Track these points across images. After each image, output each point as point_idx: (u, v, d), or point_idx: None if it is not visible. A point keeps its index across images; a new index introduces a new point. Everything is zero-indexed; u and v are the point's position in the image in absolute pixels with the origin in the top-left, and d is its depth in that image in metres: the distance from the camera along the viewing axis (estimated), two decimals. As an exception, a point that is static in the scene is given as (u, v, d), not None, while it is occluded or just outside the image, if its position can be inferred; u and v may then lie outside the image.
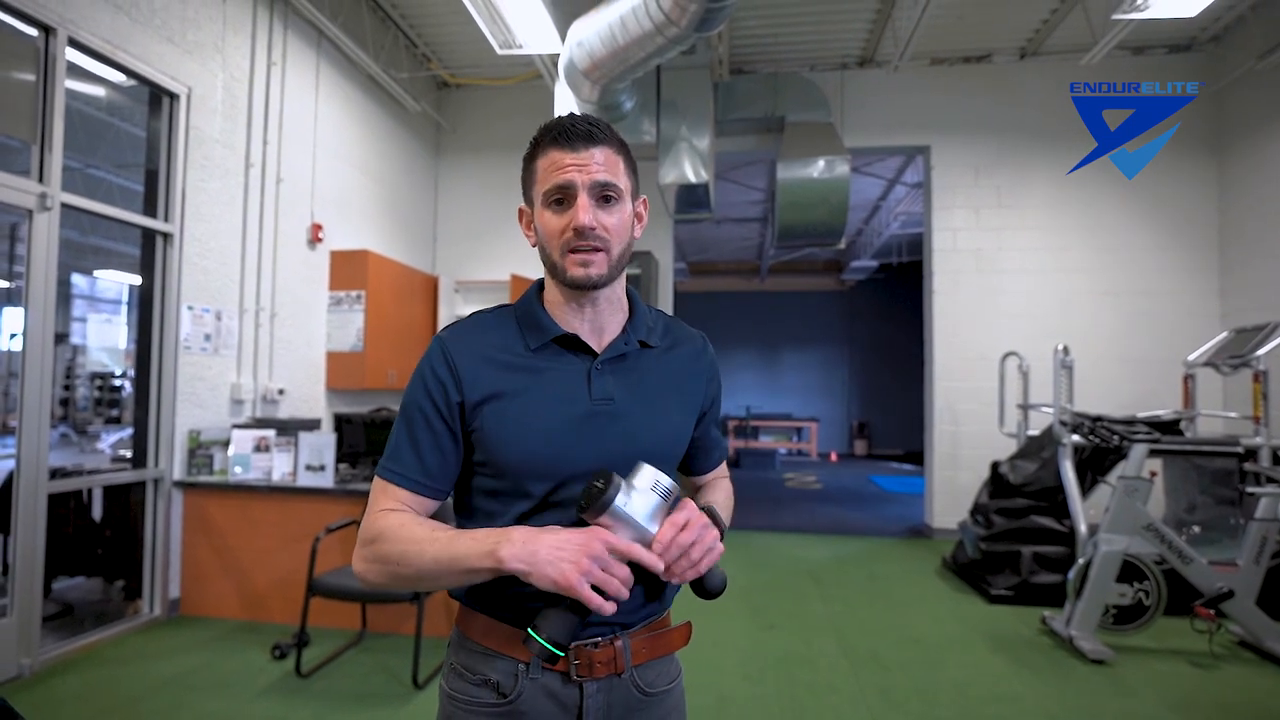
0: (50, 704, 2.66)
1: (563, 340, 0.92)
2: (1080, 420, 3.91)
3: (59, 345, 9.45)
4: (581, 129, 0.87)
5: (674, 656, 0.99)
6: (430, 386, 0.90)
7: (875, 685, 2.90)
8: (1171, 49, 5.57)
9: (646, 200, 0.97)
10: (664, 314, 1.03)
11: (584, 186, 0.85)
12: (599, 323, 0.94)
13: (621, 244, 0.89)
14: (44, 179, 2.98)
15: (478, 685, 0.90)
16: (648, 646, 0.93)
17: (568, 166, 0.86)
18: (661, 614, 0.97)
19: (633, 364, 0.94)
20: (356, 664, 3.07)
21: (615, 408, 0.90)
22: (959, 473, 5.67)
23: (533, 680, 0.88)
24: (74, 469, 3.94)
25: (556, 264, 0.89)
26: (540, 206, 0.89)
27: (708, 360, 1.03)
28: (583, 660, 0.88)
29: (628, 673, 0.91)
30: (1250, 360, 3.69)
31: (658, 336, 0.98)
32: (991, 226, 5.77)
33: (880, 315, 13.49)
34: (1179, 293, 5.54)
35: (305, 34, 4.67)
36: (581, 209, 0.85)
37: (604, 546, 0.75)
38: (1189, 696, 2.80)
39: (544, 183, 0.88)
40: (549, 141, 0.89)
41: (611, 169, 0.87)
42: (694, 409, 1.00)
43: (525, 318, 0.94)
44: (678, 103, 5.19)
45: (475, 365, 0.89)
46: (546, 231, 0.89)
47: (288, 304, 4.53)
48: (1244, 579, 3.17)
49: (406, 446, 0.91)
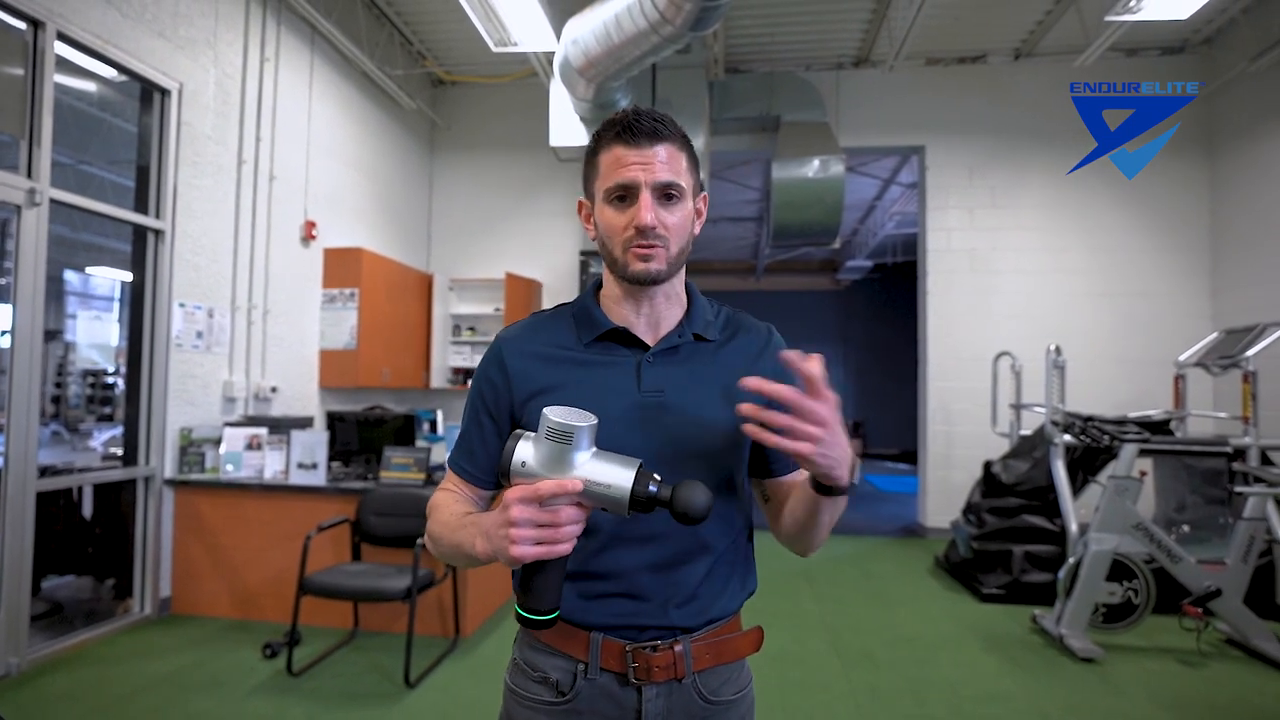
0: (38, 704, 2.64)
1: (615, 334, 0.92)
2: (1072, 420, 3.93)
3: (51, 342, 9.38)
4: (646, 126, 0.86)
5: (743, 664, 0.96)
6: (483, 385, 0.94)
7: (866, 684, 2.91)
8: (1164, 51, 5.59)
9: (707, 197, 0.98)
10: (728, 307, 1.02)
11: (647, 185, 0.85)
12: (655, 316, 0.94)
13: (681, 241, 0.90)
14: (33, 174, 2.96)
15: (538, 682, 0.90)
16: (712, 652, 0.90)
17: (631, 165, 0.85)
18: (727, 619, 0.93)
19: (686, 356, 0.93)
20: (348, 663, 3.06)
21: (665, 399, 0.89)
22: (952, 472, 5.69)
23: (590, 681, 0.88)
24: (64, 467, 3.92)
25: (617, 259, 0.89)
26: (602, 202, 0.90)
27: (773, 349, 0.97)
28: (640, 663, 0.86)
29: (689, 678, 0.88)
30: (1239, 361, 3.71)
31: (716, 330, 0.97)
32: (985, 227, 5.79)
33: (875, 315, 13.51)
34: (1171, 293, 5.57)
35: (299, 30, 4.65)
36: (644, 208, 0.85)
37: (519, 504, 0.71)
38: (1177, 694, 2.81)
39: (606, 179, 0.88)
40: (613, 137, 0.88)
41: (674, 167, 0.87)
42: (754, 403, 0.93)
43: (580, 314, 0.95)
44: (673, 101, 5.19)
45: (525, 362, 0.92)
46: (608, 227, 0.89)
47: (281, 301, 4.51)
48: (1232, 578, 3.19)
49: (462, 438, 0.96)
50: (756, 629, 0.96)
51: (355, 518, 3.31)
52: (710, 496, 0.73)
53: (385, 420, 3.98)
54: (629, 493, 0.72)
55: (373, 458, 3.82)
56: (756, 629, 0.96)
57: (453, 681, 2.88)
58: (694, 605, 0.89)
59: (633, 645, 0.87)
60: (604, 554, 0.87)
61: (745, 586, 0.96)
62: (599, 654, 0.88)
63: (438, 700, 2.71)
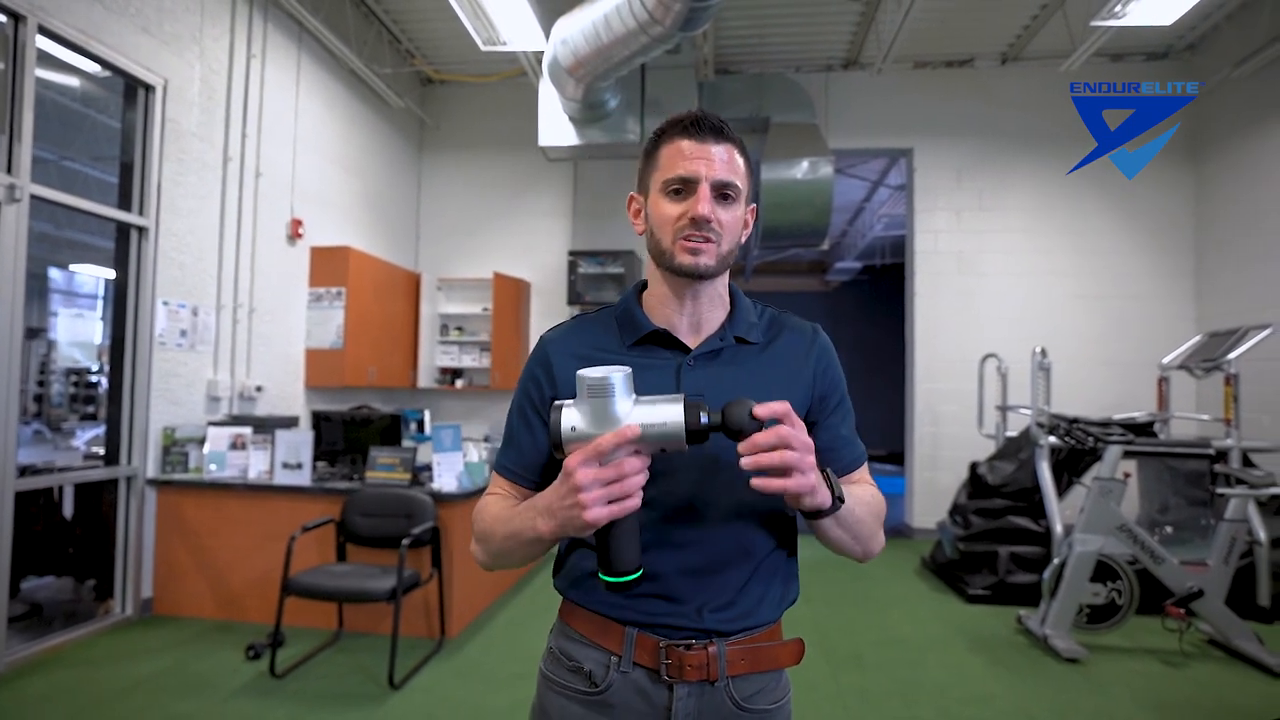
0: (16, 706, 2.60)
1: (657, 337, 0.92)
2: (1057, 422, 3.95)
3: (34, 340, 9.26)
4: (713, 123, 0.88)
5: (782, 674, 0.94)
6: (528, 384, 0.95)
7: (853, 685, 2.92)
8: (1149, 56, 5.65)
9: (756, 209, 0.98)
10: (772, 308, 1.02)
11: (707, 180, 0.86)
12: (698, 317, 0.94)
13: (732, 241, 0.90)
14: (13, 170, 2.91)
15: (572, 671, 0.91)
16: (747, 658, 0.89)
17: (694, 158, 0.87)
18: (766, 625, 0.92)
19: (728, 359, 0.92)
20: (332, 664, 3.03)
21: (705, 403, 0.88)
22: (939, 473, 5.72)
23: (623, 674, 0.88)
24: (45, 466, 3.87)
25: (666, 250, 0.89)
26: (656, 193, 0.90)
27: (817, 351, 0.96)
28: (673, 660, 0.86)
29: (722, 681, 0.87)
30: (1222, 364, 3.75)
31: (759, 332, 0.96)
32: (972, 229, 5.82)
33: (863, 316, 13.57)
34: (1155, 296, 5.63)
35: (286, 27, 4.61)
36: (702, 199, 0.86)
37: (582, 467, 0.72)
38: (1160, 694, 2.84)
39: (666, 171, 0.88)
40: (677, 131, 0.89)
41: (734, 168, 0.89)
42: (799, 404, 0.91)
43: (623, 316, 0.96)
44: (662, 102, 5.19)
45: (569, 362, 0.91)
46: (660, 218, 0.89)
47: (266, 300, 4.47)
48: (1214, 578, 3.22)
49: (509, 440, 0.96)
50: (797, 640, 0.94)
51: (340, 518, 3.28)
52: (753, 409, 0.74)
53: (371, 420, 3.95)
54: (684, 425, 0.73)
55: (358, 458, 3.80)
56: (797, 640, 0.94)
57: (438, 683, 2.87)
58: (730, 611, 0.88)
59: (667, 642, 0.87)
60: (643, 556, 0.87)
61: (786, 596, 0.95)
62: (633, 648, 0.88)
63: (423, 702, 2.69)
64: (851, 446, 0.98)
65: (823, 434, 0.94)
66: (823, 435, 0.94)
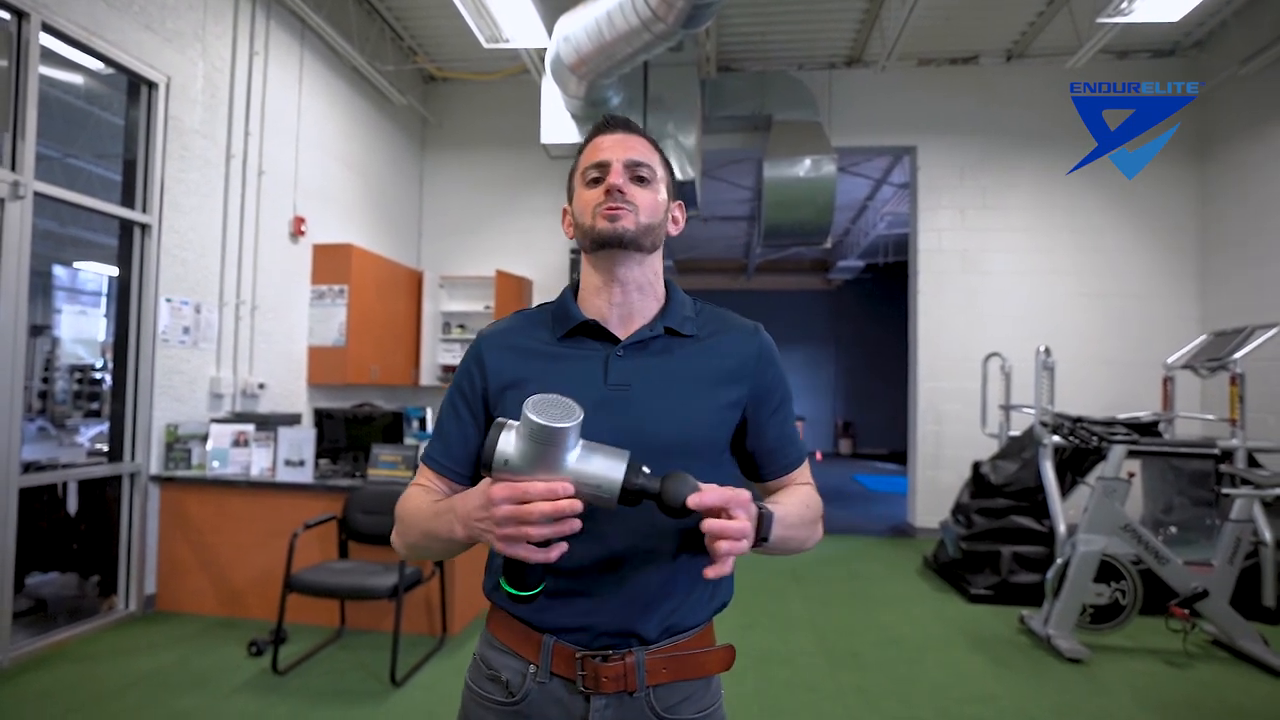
0: (20, 701, 2.61)
1: (587, 328, 0.93)
2: (1060, 421, 3.94)
3: (38, 337, 9.29)
4: (620, 120, 0.95)
5: (710, 682, 0.91)
6: (461, 380, 0.96)
7: (854, 684, 2.91)
8: (1155, 54, 5.62)
9: (683, 205, 1.01)
10: (712, 306, 1.01)
11: (618, 159, 0.91)
12: (628, 308, 0.94)
13: (651, 217, 0.92)
14: (16, 167, 2.92)
15: (491, 680, 0.90)
16: (670, 666, 0.86)
17: (605, 147, 0.92)
18: (692, 631, 0.89)
19: (658, 351, 0.92)
20: (334, 661, 3.04)
21: (631, 394, 0.88)
22: (941, 472, 5.70)
23: (540, 685, 0.87)
24: (49, 463, 3.88)
25: (588, 229, 0.91)
26: (579, 188, 0.94)
27: (756, 349, 0.95)
28: (588, 672, 0.84)
29: (642, 692, 0.85)
30: (1227, 363, 3.73)
31: (695, 325, 0.95)
32: (976, 227, 5.80)
33: (866, 315, 13.55)
34: (1160, 296, 5.61)
35: (288, 24, 4.61)
36: (614, 174, 0.90)
37: (506, 504, 0.71)
38: (1163, 695, 2.83)
39: (584, 164, 0.93)
40: (591, 133, 0.96)
41: (645, 154, 0.93)
42: (735, 403, 0.92)
43: (557, 310, 0.97)
44: (665, 99, 5.17)
45: (500, 355, 0.94)
46: (581, 206, 0.92)
47: (269, 297, 4.47)
48: (1218, 579, 3.21)
49: (438, 433, 0.97)
50: (727, 647, 0.92)
51: (342, 515, 3.28)
52: (697, 487, 0.72)
53: (374, 417, 3.95)
54: (619, 488, 0.71)
55: (360, 455, 3.80)
56: (727, 647, 0.92)
57: (439, 680, 2.87)
58: (652, 612, 0.86)
59: (583, 653, 0.85)
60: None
61: (715, 597, 0.92)
62: (550, 658, 0.86)
63: (424, 699, 2.69)
64: (794, 446, 0.99)
65: (766, 434, 0.96)
66: (766, 436, 0.96)
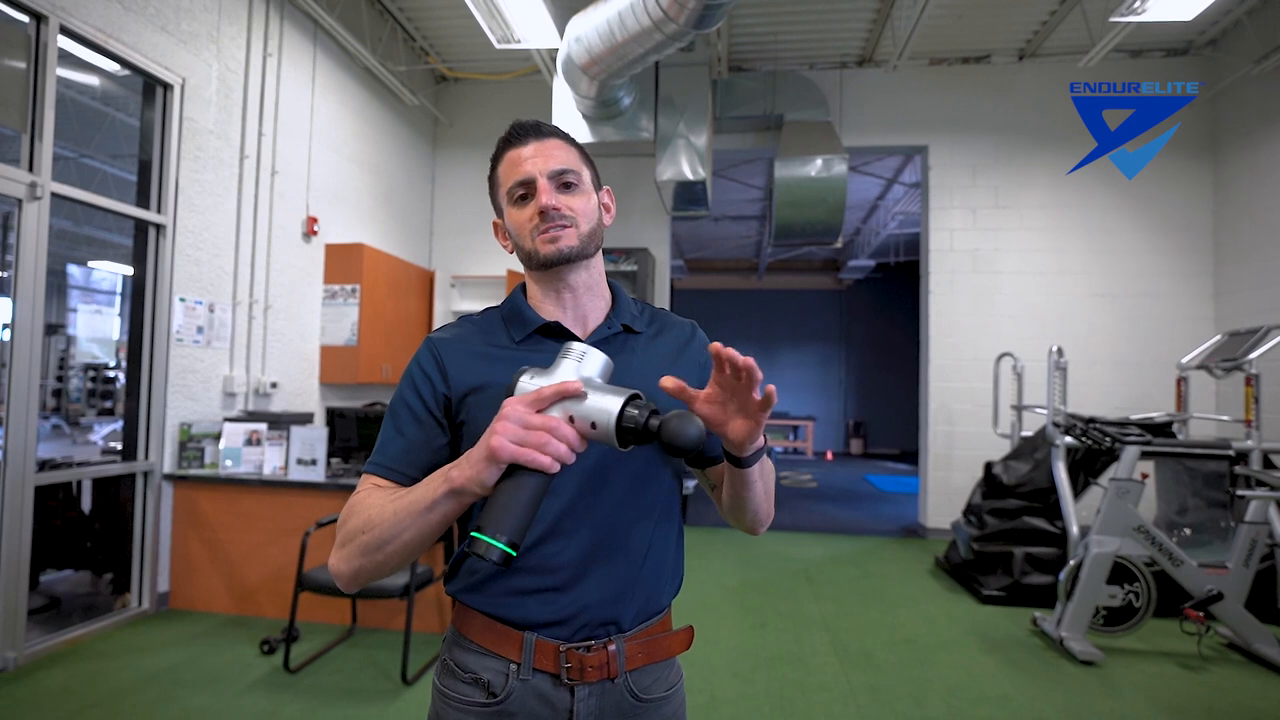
0: (35, 698, 2.64)
1: (546, 330, 0.93)
2: (1073, 422, 3.91)
3: (53, 336, 9.39)
4: (529, 125, 0.93)
5: (674, 662, 0.97)
6: (418, 382, 0.92)
7: (866, 685, 2.90)
8: (1168, 52, 5.57)
9: (611, 190, 1.01)
10: (650, 305, 1.05)
11: (542, 174, 0.89)
12: (581, 310, 0.96)
13: (589, 223, 0.92)
14: (34, 168, 2.95)
15: (469, 683, 0.89)
16: (644, 651, 0.91)
17: (523, 161, 0.90)
18: (659, 617, 0.95)
19: (618, 348, 0.94)
20: (346, 659, 3.06)
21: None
22: (953, 473, 5.67)
23: (523, 681, 0.87)
24: (64, 461, 3.92)
25: (530, 250, 0.91)
26: (508, 207, 0.93)
27: (699, 343, 1.02)
28: (574, 663, 0.86)
29: (621, 677, 0.89)
30: (1242, 364, 3.69)
31: (643, 323, 0.99)
32: (988, 227, 5.77)
33: (877, 314, 13.50)
34: (1173, 295, 5.56)
35: (302, 25, 4.64)
36: (543, 192, 0.89)
37: (515, 403, 0.70)
38: (1177, 698, 2.80)
39: (506, 182, 0.92)
40: (503, 146, 0.93)
41: (565, 158, 0.91)
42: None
43: (510, 314, 0.97)
44: (676, 100, 5.18)
45: (461, 359, 0.92)
46: (516, 225, 0.92)
47: (282, 297, 4.50)
48: (1233, 581, 3.18)
49: (392, 438, 0.90)
50: (687, 628, 0.98)
51: (354, 514, 3.30)
52: (702, 430, 0.70)
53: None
54: (617, 412, 0.69)
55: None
56: (687, 628, 0.98)
57: (450, 679, 2.87)
58: (626, 601, 0.90)
59: (566, 645, 0.87)
60: (536, 549, 0.87)
61: (674, 579, 0.98)
62: (532, 654, 0.87)
63: (435, 697, 2.70)
64: None
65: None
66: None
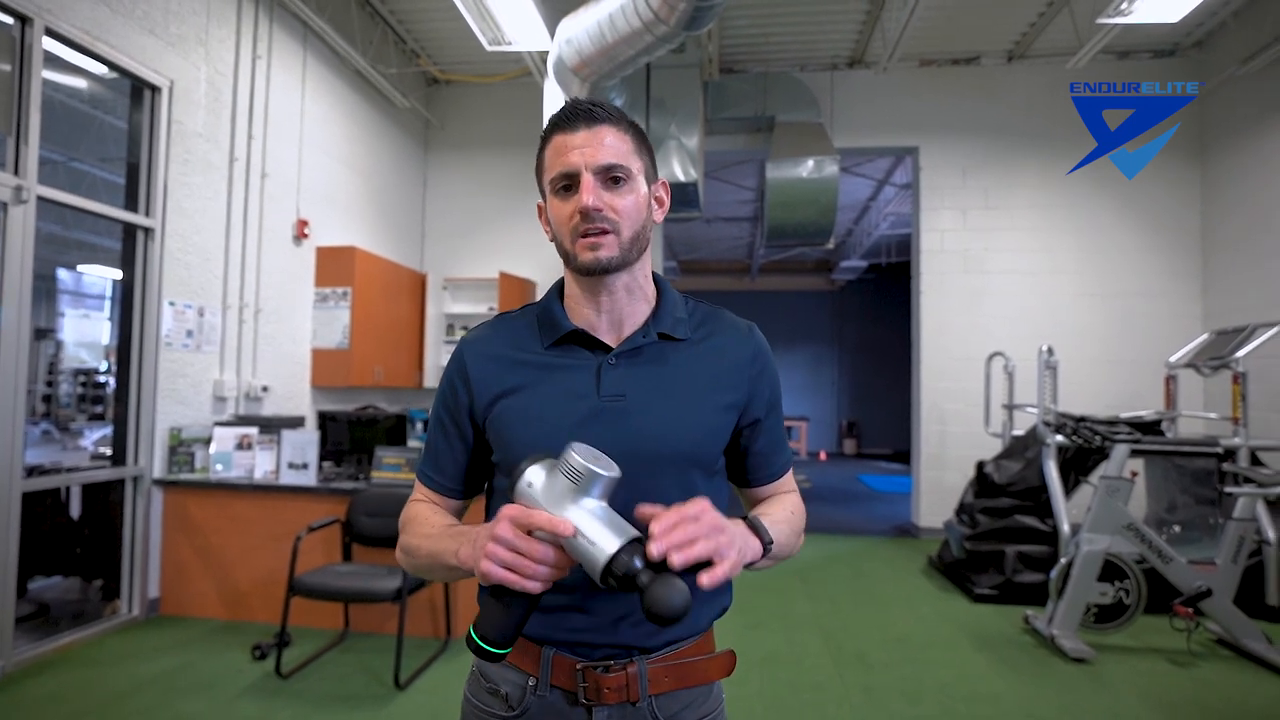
0: (23, 706, 2.62)
1: (576, 336, 0.89)
2: (1064, 421, 3.93)
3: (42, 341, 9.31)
4: (582, 109, 0.84)
5: (712, 688, 0.90)
6: (445, 391, 0.93)
7: (859, 684, 2.91)
8: (1156, 54, 5.61)
9: (666, 183, 0.94)
10: (705, 305, 0.97)
11: (588, 168, 0.82)
12: (617, 314, 0.89)
13: (634, 226, 0.85)
14: (19, 171, 2.93)
15: (490, 694, 0.89)
16: (672, 675, 0.85)
17: (570, 150, 0.83)
18: (692, 639, 0.88)
19: (653, 357, 0.88)
20: (338, 664, 3.04)
21: (627, 404, 0.85)
22: (945, 472, 5.70)
23: (540, 697, 0.85)
24: (52, 466, 3.88)
25: (569, 251, 0.86)
26: (550, 195, 0.87)
27: (752, 351, 0.92)
28: (590, 684, 0.83)
29: (644, 702, 0.84)
30: (1230, 362, 3.72)
31: (688, 328, 0.91)
32: (979, 227, 5.80)
33: (869, 315, 13.55)
34: (1162, 294, 5.60)
35: (291, 28, 4.62)
36: (585, 190, 0.82)
37: (510, 525, 0.69)
38: (1168, 694, 2.82)
39: (551, 170, 0.86)
40: (552, 128, 0.86)
41: (618, 150, 0.84)
42: (732, 406, 0.90)
43: (543, 315, 0.92)
44: (667, 101, 5.18)
45: (486, 365, 0.90)
46: (557, 219, 0.86)
47: (272, 300, 4.48)
48: (1222, 578, 3.20)
49: (429, 448, 0.95)
50: (728, 653, 0.91)
51: (346, 518, 3.29)
52: (689, 599, 0.65)
53: (377, 420, 3.96)
54: (607, 558, 0.67)
55: (364, 458, 3.80)
56: (728, 653, 0.91)
57: (443, 683, 2.87)
58: (649, 624, 0.83)
59: (584, 664, 0.83)
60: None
61: (717, 602, 0.90)
62: (549, 670, 0.85)
63: (428, 702, 2.69)
64: (783, 451, 0.97)
65: (758, 439, 0.93)
66: (758, 440, 0.93)
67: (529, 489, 0.71)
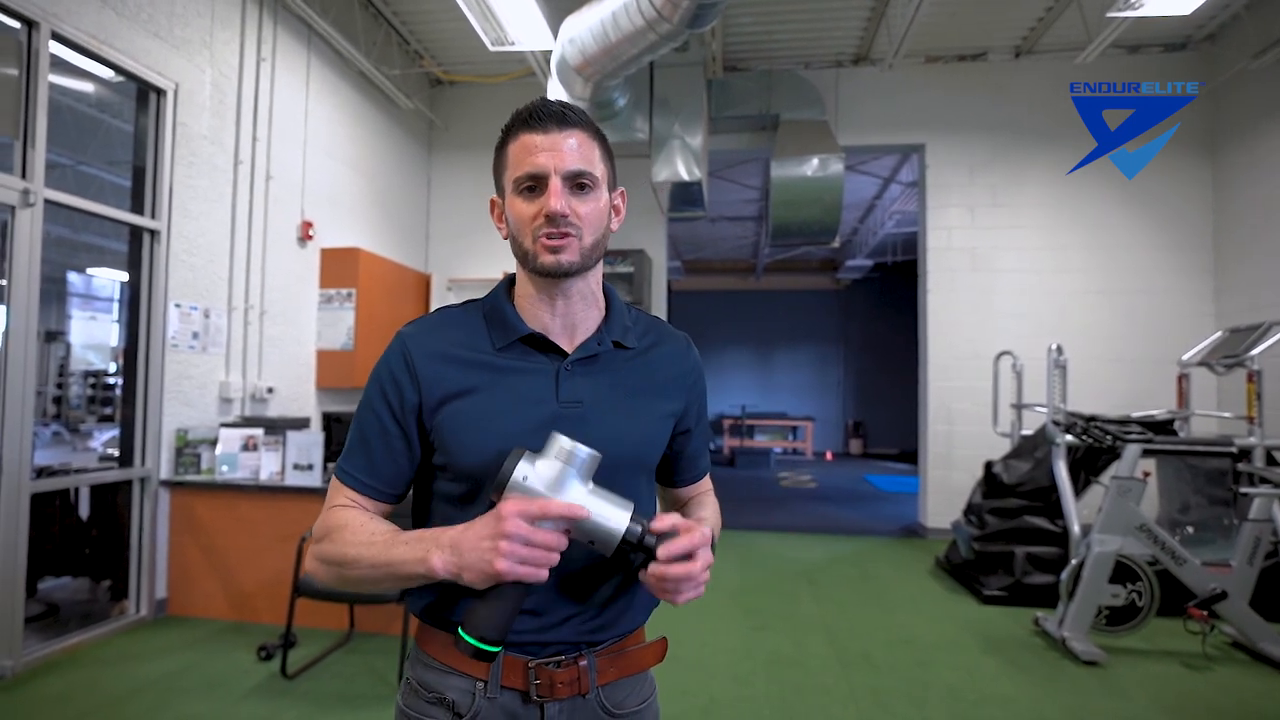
0: (32, 706, 2.63)
1: (530, 340, 0.88)
2: (1074, 420, 3.89)
3: (52, 343, 9.39)
4: (554, 110, 0.83)
5: (647, 675, 0.95)
6: (386, 387, 0.87)
7: (866, 686, 2.88)
8: (1166, 48, 5.55)
9: (624, 192, 0.93)
10: (645, 314, 0.99)
11: (557, 172, 0.81)
12: (571, 319, 0.89)
13: (595, 233, 0.85)
14: (27, 175, 2.94)
15: (433, 704, 0.85)
16: (616, 665, 0.89)
17: (539, 151, 0.82)
18: (633, 630, 0.92)
19: (605, 365, 0.90)
20: (343, 665, 3.04)
21: (584, 411, 0.86)
22: (953, 472, 5.65)
23: (490, 700, 0.84)
24: (61, 468, 3.91)
25: (527, 251, 0.84)
26: (511, 194, 0.85)
27: (690, 363, 0.97)
28: (544, 680, 0.84)
29: (593, 693, 0.87)
30: (1244, 360, 3.68)
31: (635, 337, 0.93)
32: (986, 225, 5.75)
33: (875, 314, 13.48)
34: (1173, 292, 5.54)
35: (295, 30, 4.63)
36: (554, 194, 0.81)
37: (517, 517, 0.70)
38: (1181, 698, 2.78)
39: (515, 169, 0.84)
40: (520, 125, 0.84)
41: (586, 156, 0.83)
42: (671, 414, 0.94)
43: (493, 314, 0.90)
44: (671, 100, 5.17)
45: (435, 364, 0.86)
46: (517, 219, 0.84)
47: (277, 302, 4.49)
48: (1237, 580, 3.15)
49: (358, 447, 0.88)
50: (661, 640, 0.95)
51: (351, 519, 3.28)
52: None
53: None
54: (624, 530, 0.74)
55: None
56: (661, 640, 0.95)
57: (448, 684, 2.86)
58: (598, 621, 0.87)
59: (535, 661, 0.84)
60: None
61: (652, 598, 0.93)
62: (500, 672, 0.84)
63: (433, 703, 2.68)
64: (706, 455, 1.05)
65: (689, 443, 1.00)
66: (689, 444, 1.00)
67: (525, 481, 0.73)
